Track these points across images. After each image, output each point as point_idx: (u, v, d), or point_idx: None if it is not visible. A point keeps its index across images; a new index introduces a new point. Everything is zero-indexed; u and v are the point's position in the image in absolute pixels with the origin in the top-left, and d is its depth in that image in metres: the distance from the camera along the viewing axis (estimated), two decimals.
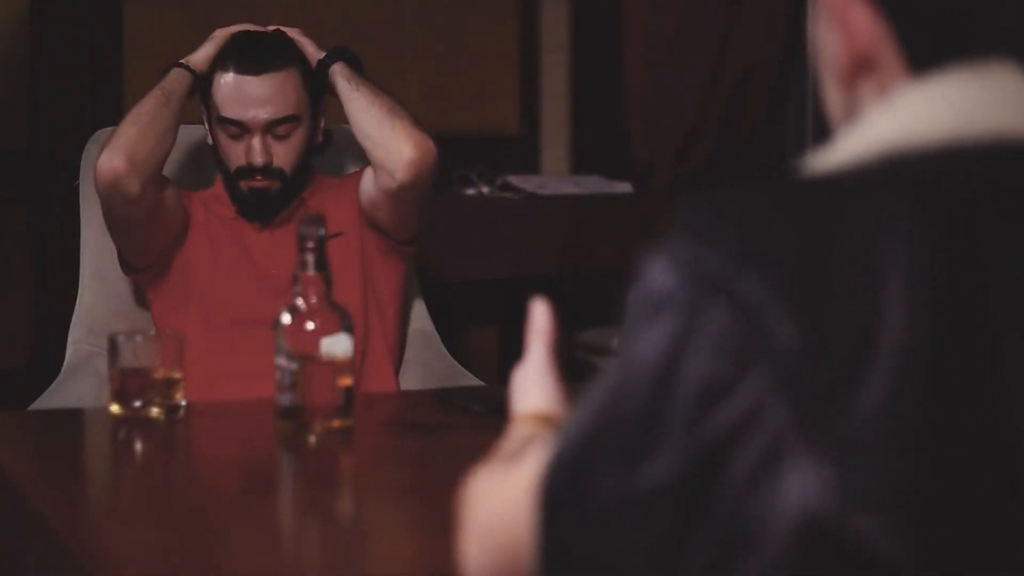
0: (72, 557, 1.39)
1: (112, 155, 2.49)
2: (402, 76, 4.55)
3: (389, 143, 2.54)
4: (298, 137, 2.60)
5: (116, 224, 2.58)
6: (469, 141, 4.54)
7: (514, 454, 1.11)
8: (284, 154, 2.59)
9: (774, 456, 0.82)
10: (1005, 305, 0.84)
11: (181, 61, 2.63)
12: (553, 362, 1.24)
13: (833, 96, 1.00)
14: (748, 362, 0.83)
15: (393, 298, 2.70)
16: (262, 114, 2.57)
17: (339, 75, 2.62)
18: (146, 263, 2.63)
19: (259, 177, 2.59)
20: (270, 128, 2.57)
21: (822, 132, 1.01)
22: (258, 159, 2.57)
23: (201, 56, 2.63)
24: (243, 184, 2.61)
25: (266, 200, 2.62)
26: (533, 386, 1.23)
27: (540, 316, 1.25)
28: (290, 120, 2.58)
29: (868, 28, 0.94)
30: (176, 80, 2.60)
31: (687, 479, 0.84)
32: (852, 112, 0.97)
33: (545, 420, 1.19)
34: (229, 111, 2.58)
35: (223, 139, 2.60)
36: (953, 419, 0.82)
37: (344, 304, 1.91)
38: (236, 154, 2.59)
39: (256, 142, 2.57)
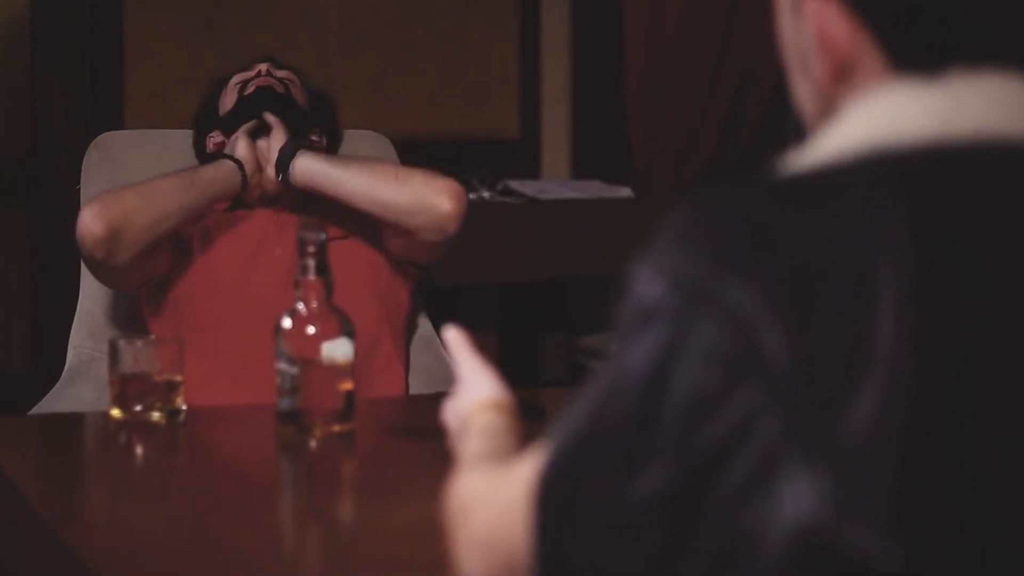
0: (73, 561, 1.39)
1: (93, 214, 2.28)
2: (403, 80, 4.56)
3: (424, 206, 2.36)
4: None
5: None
6: (470, 145, 4.54)
7: (489, 453, 1.12)
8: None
9: (768, 467, 0.82)
10: (995, 312, 0.84)
11: (236, 157, 2.48)
12: (484, 359, 1.32)
13: (803, 90, 0.98)
14: (739, 373, 0.82)
15: (405, 303, 2.68)
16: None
17: (309, 158, 2.45)
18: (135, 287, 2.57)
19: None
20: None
21: None
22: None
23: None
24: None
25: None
26: (474, 381, 1.29)
27: (454, 334, 1.36)
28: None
29: (846, 36, 0.92)
30: (219, 175, 2.46)
31: (679, 490, 0.84)
32: (829, 108, 0.95)
33: (497, 407, 1.24)
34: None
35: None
36: (946, 428, 0.82)
37: (358, 309, 1.90)
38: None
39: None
